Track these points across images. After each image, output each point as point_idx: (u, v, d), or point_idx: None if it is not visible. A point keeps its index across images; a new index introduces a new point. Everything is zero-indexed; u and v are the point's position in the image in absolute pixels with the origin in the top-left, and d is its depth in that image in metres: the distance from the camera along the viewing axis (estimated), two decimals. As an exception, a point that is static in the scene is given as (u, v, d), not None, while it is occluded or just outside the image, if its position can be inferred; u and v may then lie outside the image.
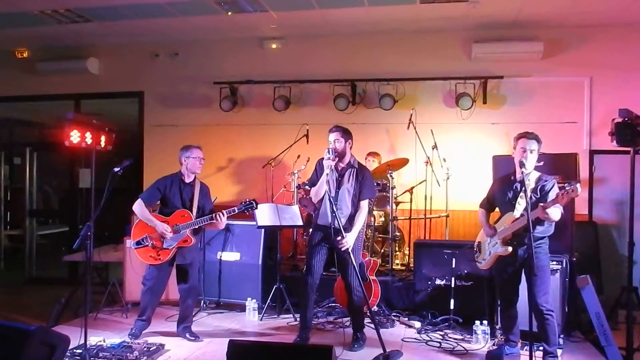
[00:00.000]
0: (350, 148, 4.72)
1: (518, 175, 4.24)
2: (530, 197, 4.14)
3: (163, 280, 4.97)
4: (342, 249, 4.40)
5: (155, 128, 7.76)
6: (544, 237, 4.22)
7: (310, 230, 4.90)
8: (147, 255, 4.81)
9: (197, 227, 4.82)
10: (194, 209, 4.90)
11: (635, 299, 4.79)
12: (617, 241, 6.48)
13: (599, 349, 4.54)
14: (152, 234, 4.78)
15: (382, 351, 4.16)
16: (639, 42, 6.56)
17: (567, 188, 3.79)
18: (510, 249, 4.18)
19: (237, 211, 4.81)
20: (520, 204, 4.15)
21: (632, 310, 4.62)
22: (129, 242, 4.80)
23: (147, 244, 4.79)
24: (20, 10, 6.32)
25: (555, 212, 3.99)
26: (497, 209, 4.55)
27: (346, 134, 4.67)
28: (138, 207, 4.80)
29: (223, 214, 4.76)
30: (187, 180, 4.95)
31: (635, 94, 6.41)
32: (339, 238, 4.37)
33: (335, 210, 4.33)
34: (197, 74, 7.63)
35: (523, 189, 4.06)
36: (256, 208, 4.90)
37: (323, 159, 4.61)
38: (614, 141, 4.67)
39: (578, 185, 3.74)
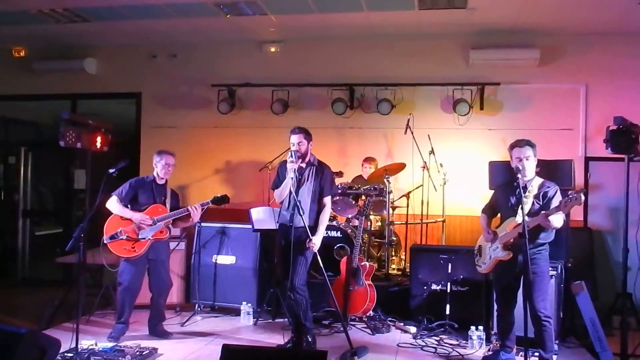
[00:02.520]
0: (311, 148, 4.74)
1: (521, 181, 4.26)
2: (533, 203, 4.16)
3: (139, 277, 4.95)
4: (313, 251, 4.48)
5: (152, 129, 7.73)
6: (545, 243, 4.25)
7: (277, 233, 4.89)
8: (122, 248, 4.82)
9: (172, 219, 4.93)
10: (167, 207, 5.01)
11: (630, 305, 4.81)
12: (612, 247, 6.50)
13: (594, 355, 4.57)
14: (126, 227, 4.82)
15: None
16: (634, 50, 6.60)
17: (570, 196, 3.81)
18: (510, 253, 4.20)
19: (210, 204, 4.96)
20: (522, 210, 4.16)
21: (626, 316, 4.64)
22: (104, 238, 4.77)
23: (121, 237, 4.80)
24: (18, 9, 6.28)
25: (557, 219, 4.02)
26: (499, 215, 4.56)
27: (308, 135, 4.69)
28: (113, 203, 4.88)
29: (198, 207, 4.92)
30: (160, 183, 5.07)
31: (630, 101, 6.44)
32: (308, 241, 4.44)
33: (299, 208, 4.37)
34: (196, 75, 7.62)
35: (524, 194, 4.07)
36: (227, 202, 5.03)
37: (283, 162, 4.66)
38: (609, 148, 4.70)
39: (582, 194, 3.76)
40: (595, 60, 6.69)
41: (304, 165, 4.63)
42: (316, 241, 4.51)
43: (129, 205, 4.92)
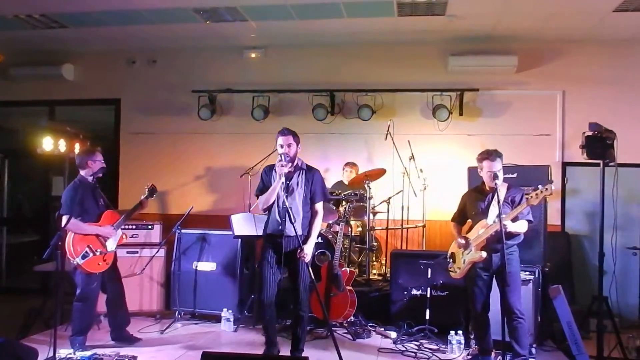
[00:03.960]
0: (299, 152, 4.49)
1: (488, 187, 4.38)
2: (503, 206, 4.22)
3: (98, 289, 4.91)
4: (304, 261, 4.22)
5: (131, 136, 7.67)
6: (514, 244, 4.36)
7: (262, 242, 4.55)
8: (96, 264, 4.74)
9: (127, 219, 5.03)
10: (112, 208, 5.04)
11: (606, 308, 4.88)
12: (589, 251, 6.60)
13: (571, 358, 4.63)
14: (92, 243, 4.72)
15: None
16: (609, 57, 6.73)
17: (540, 188, 3.93)
18: (484, 254, 4.26)
19: (147, 194, 5.15)
20: (493, 212, 4.26)
21: (602, 319, 4.70)
22: (74, 260, 4.60)
23: (92, 254, 4.71)
24: (-6, 15, 6.22)
25: (521, 225, 4.22)
26: (469, 221, 4.63)
27: (296, 136, 4.45)
28: (71, 223, 4.53)
29: (147, 198, 5.13)
30: (92, 183, 4.94)
31: (606, 108, 6.56)
32: (299, 250, 4.21)
33: (291, 216, 4.13)
34: (176, 81, 7.58)
35: (495, 198, 4.17)
36: (156, 192, 5.20)
37: (268, 167, 4.51)
38: (585, 154, 4.78)
39: (552, 185, 3.97)
40: (571, 67, 6.81)
41: (292, 169, 4.38)
42: (307, 251, 4.25)
43: (79, 218, 4.72)
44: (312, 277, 4.31)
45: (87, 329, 4.85)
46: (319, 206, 4.48)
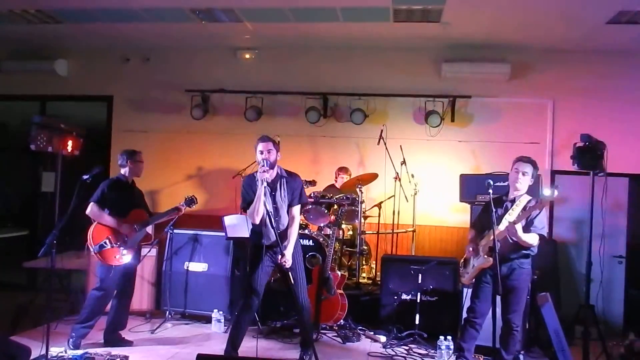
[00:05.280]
0: (279, 158, 4.50)
1: (510, 196, 4.41)
2: (519, 216, 4.26)
3: (117, 283, 4.93)
4: (286, 266, 4.28)
5: (124, 134, 7.63)
6: (528, 255, 4.33)
7: (251, 249, 4.59)
8: (112, 257, 4.78)
9: (157, 222, 5.17)
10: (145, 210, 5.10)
11: (592, 316, 4.96)
12: (576, 259, 6.69)
13: (557, 365, 4.70)
14: (111, 235, 4.79)
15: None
16: (600, 68, 6.83)
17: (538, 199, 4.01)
18: (490, 259, 4.24)
19: (183, 202, 5.29)
20: (506, 219, 4.27)
21: (588, 327, 4.78)
22: (91, 247, 4.70)
23: (109, 246, 4.76)
24: (-12, 9, 6.16)
25: (531, 237, 4.19)
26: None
27: (276, 143, 4.46)
28: (95, 211, 4.78)
29: (184, 205, 5.25)
30: (129, 183, 5.09)
31: (595, 117, 6.67)
32: (279, 257, 4.27)
33: (273, 225, 4.18)
34: (169, 80, 7.56)
35: (511, 207, 4.26)
36: (195, 202, 5.31)
37: (249, 176, 4.51)
38: (575, 164, 4.84)
39: (555, 189, 3.95)
40: (563, 76, 6.91)
41: (273, 176, 4.40)
42: (288, 256, 4.30)
43: (106, 210, 4.83)
44: (299, 275, 4.42)
45: (92, 320, 4.86)
46: (296, 210, 4.51)
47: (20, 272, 7.66)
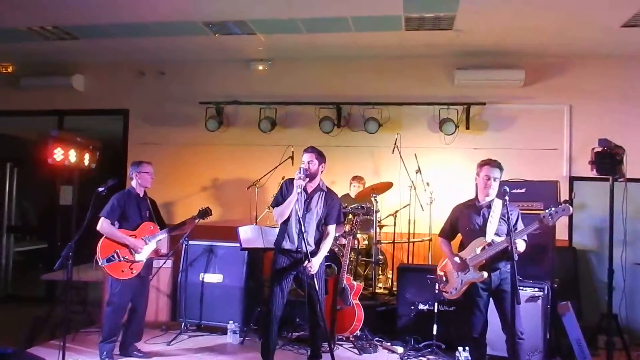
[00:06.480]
0: (322, 172, 4.63)
1: (483, 202, 4.29)
2: (500, 223, 4.18)
3: (130, 296, 4.92)
4: (310, 273, 4.30)
5: (139, 146, 7.70)
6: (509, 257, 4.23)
7: (274, 255, 4.66)
8: (119, 270, 4.77)
9: (169, 235, 5.13)
10: (156, 222, 5.07)
11: (615, 325, 4.84)
12: (596, 267, 6.56)
13: (580, 375, 4.59)
14: (121, 249, 4.78)
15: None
16: (616, 72, 6.73)
17: (557, 209, 3.96)
18: (485, 274, 4.14)
19: (196, 215, 5.19)
20: (491, 229, 4.18)
21: (612, 336, 4.67)
22: (99, 260, 4.72)
23: (117, 259, 4.76)
24: (7, 26, 6.28)
25: (521, 244, 4.11)
26: (458, 235, 4.54)
27: (321, 156, 4.59)
28: (105, 226, 4.76)
29: (195, 218, 5.14)
30: (141, 195, 5.05)
31: (613, 122, 6.56)
32: (306, 262, 4.29)
33: (303, 232, 4.26)
34: (183, 93, 7.64)
35: (488, 215, 4.17)
36: (209, 214, 5.21)
37: (289, 180, 4.58)
38: (594, 170, 4.77)
39: (570, 206, 3.97)
40: (578, 81, 6.81)
41: (312, 187, 4.53)
42: (315, 263, 4.36)
43: (116, 224, 4.85)
44: (318, 289, 4.39)
45: (114, 336, 4.85)
46: (332, 228, 4.62)
47: (39, 285, 7.76)
